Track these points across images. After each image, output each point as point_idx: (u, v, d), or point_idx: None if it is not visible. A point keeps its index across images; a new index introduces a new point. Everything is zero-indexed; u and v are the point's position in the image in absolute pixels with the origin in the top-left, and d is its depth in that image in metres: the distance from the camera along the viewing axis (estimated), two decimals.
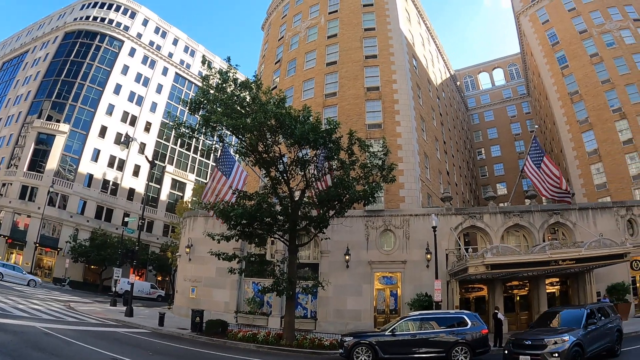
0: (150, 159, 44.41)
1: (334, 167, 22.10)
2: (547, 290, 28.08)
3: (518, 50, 71.27)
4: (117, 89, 64.47)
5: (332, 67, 39.09)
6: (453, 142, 53.19)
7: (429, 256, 26.91)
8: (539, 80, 55.79)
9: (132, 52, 68.02)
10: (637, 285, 28.52)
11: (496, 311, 22.89)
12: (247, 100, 22.25)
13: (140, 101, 67.55)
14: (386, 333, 17.36)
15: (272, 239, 24.85)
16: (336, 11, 42.73)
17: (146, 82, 69.22)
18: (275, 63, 45.01)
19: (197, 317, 23.38)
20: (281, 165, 21.95)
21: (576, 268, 24.98)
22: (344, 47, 39.65)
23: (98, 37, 65.47)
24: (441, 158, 43.29)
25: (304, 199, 22.39)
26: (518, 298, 28.94)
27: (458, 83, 74.06)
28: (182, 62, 76.82)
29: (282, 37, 46.29)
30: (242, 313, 28.59)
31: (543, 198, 29.13)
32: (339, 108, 36.52)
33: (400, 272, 28.09)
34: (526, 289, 28.76)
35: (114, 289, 40.19)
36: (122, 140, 55.16)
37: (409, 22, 44.50)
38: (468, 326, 17.17)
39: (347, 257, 27.97)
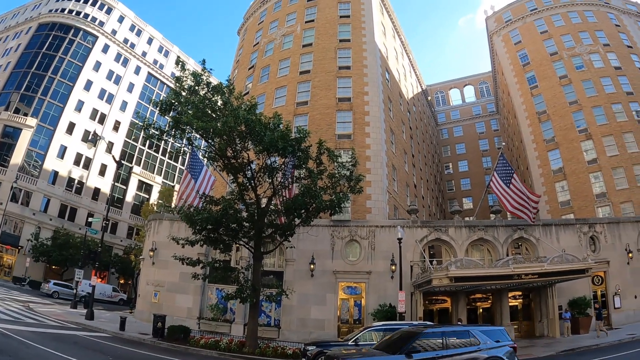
0: (117, 158, 43.35)
1: (302, 175, 22.04)
2: (510, 304, 28.63)
3: (489, 69, 73.15)
4: (88, 86, 62.89)
5: (305, 76, 39.20)
6: (422, 155, 53.97)
7: (393, 267, 27.06)
8: (509, 99, 57.29)
9: (105, 49, 66.56)
10: (598, 299, 29.38)
11: (459, 323, 23.15)
12: (219, 104, 22.01)
13: (110, 99, 66.07)
14: (349, 343, 17.35)
15: (238, 245, 24.62)
16: (313, 20, 43.02)
17: (118, 80, 67.81)
18: (249, 69, 44.88)
19: (159, 322, 22.95)
20: (249, 172, 21.77)
21: (539, 282, 25.60)
22: (319, 57, 39.88)
23: (72, 30, 63.79)
24: (409, 171, 43.82)
25: (271, 206, 22.24)
26: (481, 311, 29.37)
27: (429, 98, 75.48)
28: (155, 62, 75.64)
29: (258, 43, 46.23)
30: (205, 319, 28.10)
31: (508, 213, 29.72)
32: (309, 117, 36.63)
33: (364, 283, 28.19)
34: (489, 301, 29.20)
35: (75, 291, 38.89)
36: (89, 138, 53.91)
37: (384, 35, 45.10)
38: None
39: (312, 266, 27.90)
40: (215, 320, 28.00)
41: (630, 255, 30.27)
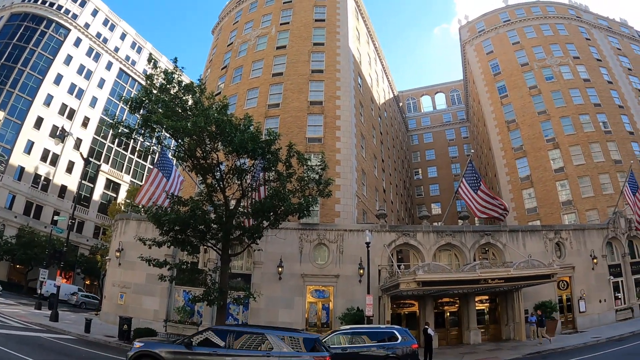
0: (85, 156, 42.13)
1: (271, 178, 21.94)
2: (477, 308, 29.18)
3: (461, 77, 74.56)
4: (58, 79, 61.19)
5: (278, 78, 39.13)
6: (391, 160, 54.48)
7: (361, 271, 27.22)
8: (479, 107, 58.41)
9: (77, 42, 64.93)
10: (564, 304, 30.20)
11: (426, 327, 23.36)
12: (190, 103, 21.75)
13: (80, 94, 64.43)
14: None
15: (205, 247, 24.27)
16: (288, 23, 43.00)
17: (88, 75, 66.22)
18: (222, 69, 44.52)
19: (125, 324, 22.53)
20: (218, 173, 21.60)
21: (505, 287, 26.11)
22: (292, 60, 39.84)
23: (44, 22, 61.99)
24: (379, 176, 44.14)
25: (239, 208, 22.05)
26: (448, 314, 29.75)
27: (401, 104, 76.44)
28: (127, 58, 74.23)
29: (232, 43, 45.90)
30: (172, 322, 27.64)
31: (476, 219, 30.27)
32: (281, 119, 36.54)
33: (332, 286, 28.23)
34: (456, 305, 29.64)
35: (39, 291, 37.68)
36: (57, 133, 52.40)
37: (358, 40, 45.43)
38: (398, 341, 17.49)
39: (280, 269, 27.78)
40: (182, 323, 27.55)
41: (595, 261, 31.28)
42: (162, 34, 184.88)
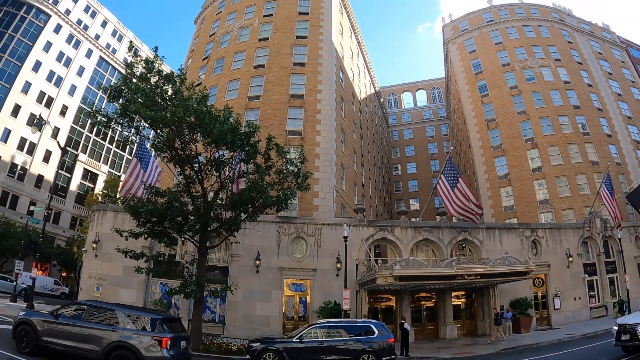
0: (62, 145, 41.29)
1: (249, 170, 21.84)
2: (454, 303, 29.63)
3: (443, 75, 75.03)
4: (37, 67, 59.65)
5: (259, 70, 38.89)
6: (371, 155, 54.75)
7: (339, 265, 27.32)
8: (459, 105, 58.99)
9: (57, 29, 63.35)
10: (539, 300, 30.82)
11: (403, 321, 23.64)
12: (169, 93, 21.49)
13: (59, 82, 62.98)
14: (294, 340, 17.39)
15: (183, 239, 24.07)
16: (271, 15, 42.74)
17: (68, 63, 64.74)
18: (203, 59, 44.05)
19: None
20: (196, 164, 21.38)
21: (481, 283, 26.57)
22: (274, 52, 39.65)
23: (25, 7, 60.18)
24: (358, 170, 44.26)
25: (217, 200, 21.90)
26: (425, 309, 30.13)
27: (382, 100, 76.73)
28: (108, 46, 72.82)
29: (214, 33, 45.46)
30: None
31: (453, 216, 30.62)
32: (261, 112, 36.36)
33: (310, 280, 28.28)
34: (433, 300, 30.01)
35: (14, 284, 36.89)
36: (35, 122, 51.14)
37: (341, 35, 45.40)
38: (375, 335, 17.60)
39: (257, 262, 27.70)
40: None
41: (570, 259, 32.01)
42: (144, 22, 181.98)
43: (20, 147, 56.94)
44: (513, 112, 49.98)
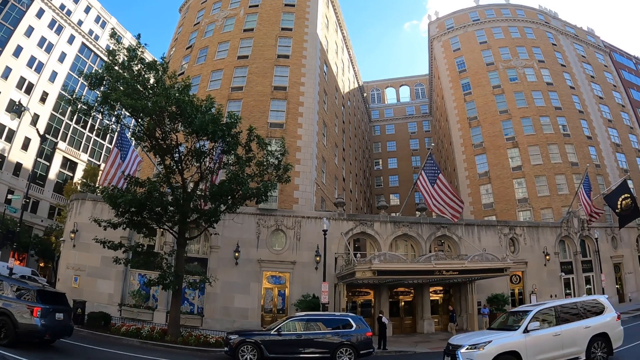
0: (42, 132, 40.76)
1: (230, 161, 21.75)
2: (431, 298, 30.06)
3: (426, 72, 75.34)
4: (18, 52, 58.23)
5: (243, 61, 38.54)
6: (352, 150, 54.87)
7: (318, 258, 27.40)
8: (442, 102, 59.29)
9: (40, 14, 61.90)
10: (516, 297, 31.43)
11: (381, 315, 23.88)
12: (151, 82, 21.23)
13: (39, 68, 61.63)
14: (272, 332, 17.39)
15: (162, 230, 23.91)
16: (257, 5, 42.35)
17: (49, 49, 63.37)
18: (187, 48, 43.49)
19: (79, 308, 22.14)
20: (177, 155, 21.18)
21: (459, 279, 26.94)
22: (258, 43, 39.31)
23: None
24: (339, 164, 44.30)
25: (197, 191, 21.79)
26: (403, 304, 30.52)
27: (365, 94, 76.76)
28: (91, 32, 71.42)
29: (198, 22, 44.89)
30: (127, 306, 27.05)
31: (433, 212, 30.95)
32: (243, 103, 36.06)
33: (289, 273, 28.37)
34: (411, 295, 30.41)
35: None
36: (14, 108, 50.10)
37: (326, 28, 45.30)
38: (353, 328, 17.71)
39: (236, 254, 27.64)
40: (137, 307, 27.04)
41: (547, 257, 32.68)
42: (128, 9, 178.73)
43: None
44: (495, 111, 50.47)
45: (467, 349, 12.52)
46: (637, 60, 65.36)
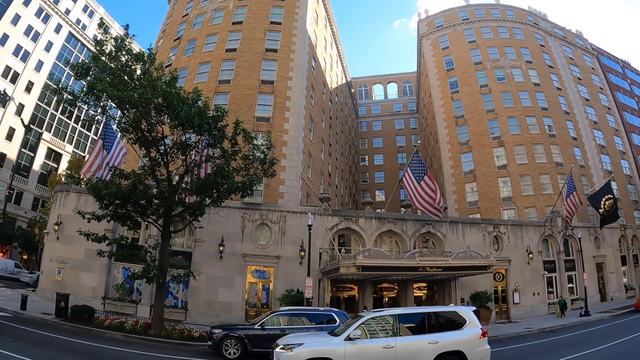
0: (27, 122, 40.17)
1: (215, 155, 21.70)
2: (415, 294, 30.24)
3: (415, 70, 75.57)
4: (4, 40, 57.24)
5: (231, 54, 38.36)
6: (339, 145, 55.00)
7: (302, 253, 27.51)
8: (429, 100, 59.62)
9: (27, 1, 60.81)
10: (499, 295, 31.83)
11: (365, 311, 24.00)
12: (138, 73, 21.08)
13: (25, 57, 60.70)
14: (256, 327, 17.44)
15: (146, 223, 23.78)
16: None
17: (36, 38, 62.42)
18: (175, 40, 43.11)
19: (62, 301, 21.82)
20: (162, 147, 21.07)
21: (443, 275, 27.18)
22: (247, 36, 39.13)
23: None
24: (325, 159, 44.33)
25: (182, 184, 21.70)
26: (387, 299, 30.69)
27: (353, 90, 76.89)
28: (78, 21, 70.43)
29: (187, 14, 44.52)
30: (111, 299, 26.85)
31: (418, 209, 31.20)
32: (230, 96, 35.92)
33: (273, 267, 28.40)
34: (395, 291, 30.62)
35: None
36: None
37: (316, 23, 45.24)
38: (337, 323, 17.67)
39: (221, 248, 27.62)
40: (121, 300, 26.89)
41: (531, 256, 33.14)
42: None
43: None
44: (482, 110, 50.86)
45: (280, 348, 12.24)
46: (624, 63, 66.28)
